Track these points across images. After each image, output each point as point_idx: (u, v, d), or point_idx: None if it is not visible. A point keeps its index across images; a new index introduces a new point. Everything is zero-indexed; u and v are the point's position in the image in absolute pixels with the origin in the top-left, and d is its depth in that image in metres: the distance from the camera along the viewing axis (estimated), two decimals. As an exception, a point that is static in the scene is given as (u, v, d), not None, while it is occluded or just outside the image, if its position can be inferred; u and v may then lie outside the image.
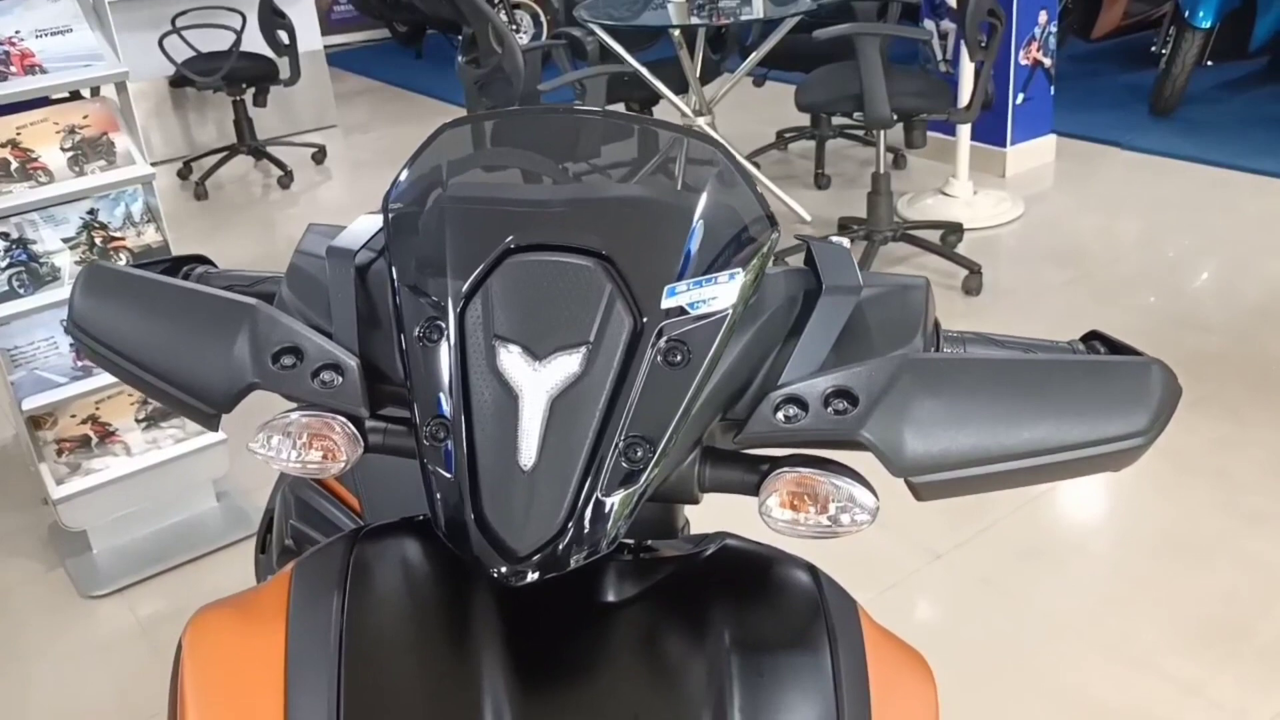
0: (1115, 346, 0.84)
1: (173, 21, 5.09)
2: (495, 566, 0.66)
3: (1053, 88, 4.61)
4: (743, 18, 4.04)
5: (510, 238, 0.73)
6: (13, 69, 2.21)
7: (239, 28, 5.05)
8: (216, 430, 0.81)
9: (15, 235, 2.35)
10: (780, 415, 0.71)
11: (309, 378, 0.76)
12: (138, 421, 2.57)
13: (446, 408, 0.70)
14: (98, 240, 2.44)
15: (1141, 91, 5.43)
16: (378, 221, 0.84)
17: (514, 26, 6.97)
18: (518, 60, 3.45)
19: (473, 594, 0.76)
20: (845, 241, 0.82)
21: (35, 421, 2.46)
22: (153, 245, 2.48)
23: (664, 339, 0.70)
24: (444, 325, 0.72)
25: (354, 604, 0.75)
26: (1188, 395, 2.71)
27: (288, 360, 0.77)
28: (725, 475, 0.75)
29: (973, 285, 3.57)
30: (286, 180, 5.32)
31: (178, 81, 5.34)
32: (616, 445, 0.68)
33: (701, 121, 4.30)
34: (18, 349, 2.39)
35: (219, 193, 5.33)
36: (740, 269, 0.73)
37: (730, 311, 0.72)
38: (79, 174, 2.35)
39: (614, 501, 0.68)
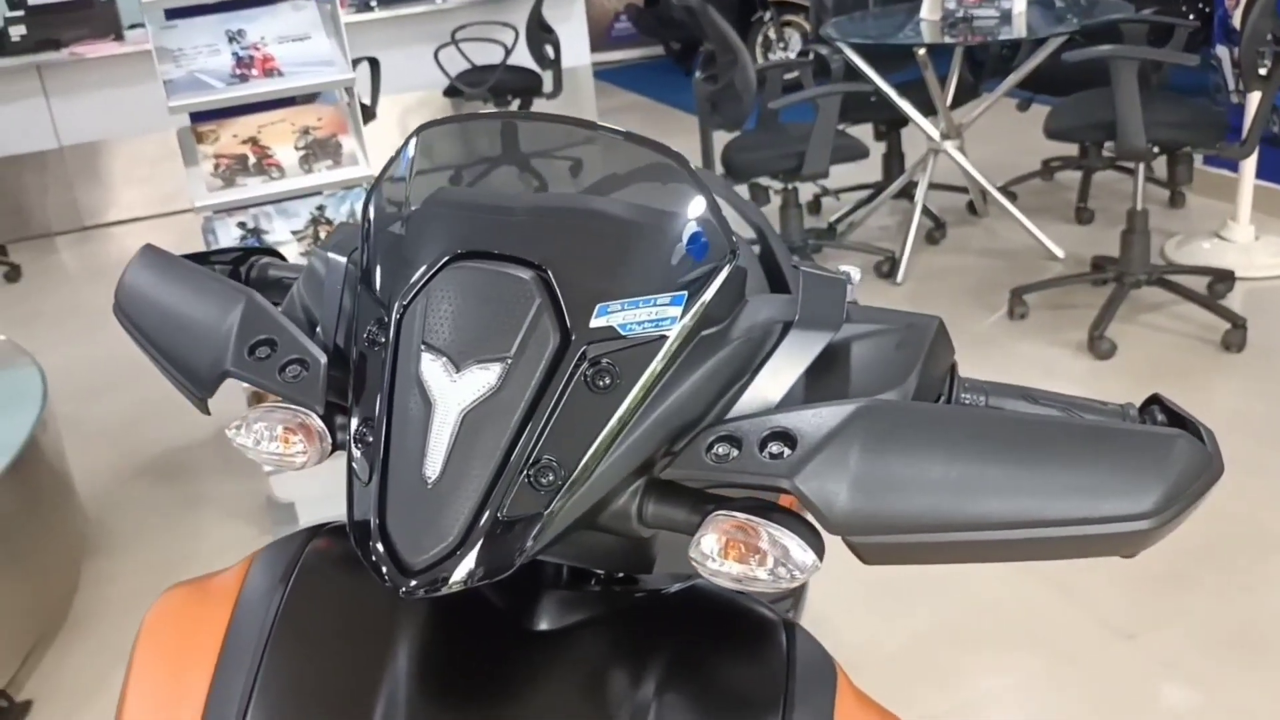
0: (1175, 416, 0.71)
1: (452, 35, 5.42)
2: (389, 578, 0.64)
3: (1367, 124, 4.07)
4: (1000, 36, 3.83)
5: (454, 244, 0.70)
6: (254, 71, 2.41)
7: (510, 43, 5.31)
8: (208, 414, 0.83)
9: (251, 225, 2.56)
10: (712, 454, 0.65)
11: (277, 370, 0.77)
12: (347, 405, 2.75)
13: (373, 412, 0.69)
14: (322, 234, 2.62)
15: None
16: None
17: (781, 44, 6.94)
18: (749, 76, 3.42)
19: (407, 603, 0.74)
20: (854, 271, 0.74)
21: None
22: (370, 241, 2.64)
23: (590, 360, 0.65)
24: (387, 328, 0.70)
25: (292, 598, 0.76)
26: None
27: (262, 352, 0.78)
28: (667, 512, 0.69)
29: (1234, 341, 3.20)
30: (542, 189, 5.55)
31: (450, 92, 5.68)
32: (525, 466, 0.64)
33: (949, 146, 4.11)
34: (245, 329, 2.59)
35: (481, 198, 5.61)
36: (686, 293, 0.67)
37: (668, 337, 0.66)
38: (308, 172, 2.53)
39: (518, 523, 0.64)
